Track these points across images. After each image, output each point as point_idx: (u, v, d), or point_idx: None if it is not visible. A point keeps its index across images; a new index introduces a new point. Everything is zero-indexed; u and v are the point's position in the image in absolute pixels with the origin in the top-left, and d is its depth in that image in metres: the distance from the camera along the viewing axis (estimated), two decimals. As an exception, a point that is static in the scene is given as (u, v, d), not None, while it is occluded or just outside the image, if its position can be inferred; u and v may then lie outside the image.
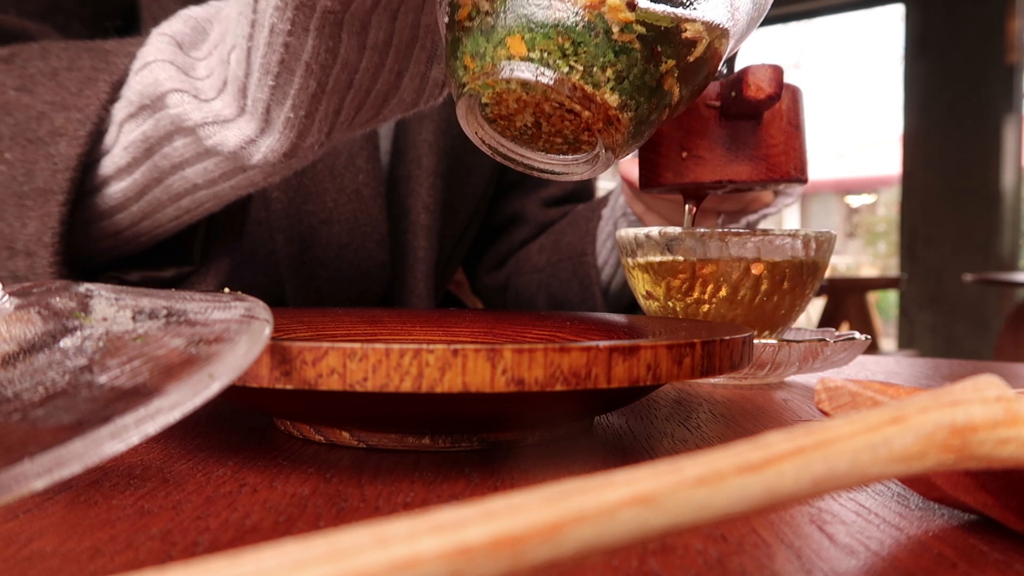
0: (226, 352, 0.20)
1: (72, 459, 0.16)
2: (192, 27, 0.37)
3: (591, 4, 0.29)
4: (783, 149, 0.43)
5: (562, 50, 0.29)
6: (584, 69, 0.29)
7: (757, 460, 0.14)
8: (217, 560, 0.11)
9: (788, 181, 0.43)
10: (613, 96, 0.30)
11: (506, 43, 0.29)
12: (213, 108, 0.35)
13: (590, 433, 0.31)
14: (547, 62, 0.29)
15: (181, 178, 0.38)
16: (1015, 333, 2.53)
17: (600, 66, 0.29)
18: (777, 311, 0.45)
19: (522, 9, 0.29)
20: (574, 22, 0.29)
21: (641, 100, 0.31)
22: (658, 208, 0.58)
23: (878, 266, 8.05)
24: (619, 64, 0.30)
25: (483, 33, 0.30)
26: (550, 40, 0.29)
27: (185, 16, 0.37)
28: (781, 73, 0.39)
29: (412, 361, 0.22)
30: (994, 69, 3.46)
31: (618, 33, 0.29)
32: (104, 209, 0.40)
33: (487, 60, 0.30)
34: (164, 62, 0.36)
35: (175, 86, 0.35)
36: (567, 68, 0.29)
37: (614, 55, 0.29)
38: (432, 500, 0.22)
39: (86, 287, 0.24)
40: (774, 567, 0.18)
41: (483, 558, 0.11)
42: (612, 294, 0.68)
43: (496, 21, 0.30)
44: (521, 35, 0.29)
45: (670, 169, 0.43)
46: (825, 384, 0.22)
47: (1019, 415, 0.16)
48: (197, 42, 0.37)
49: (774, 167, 0.43)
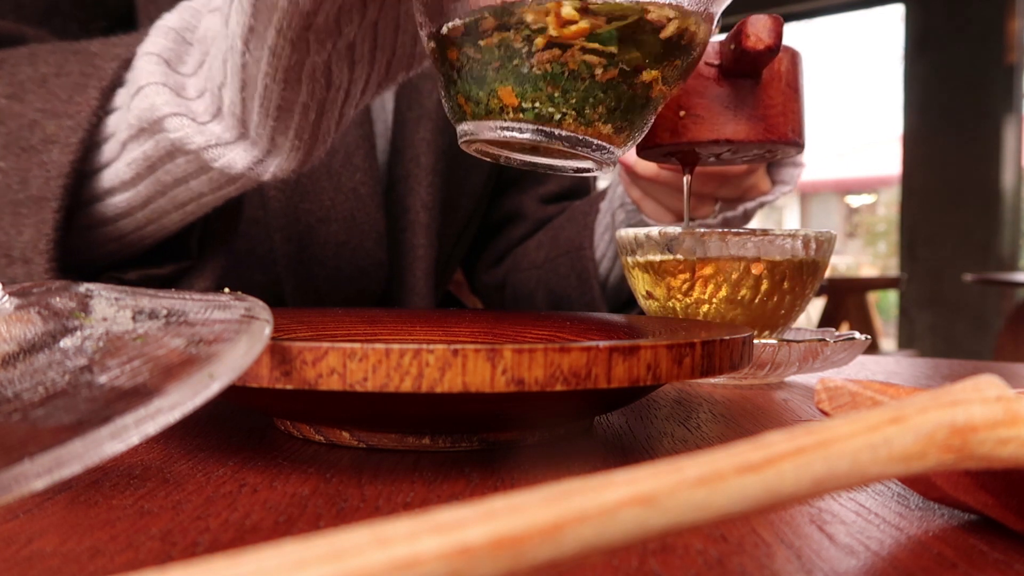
0: (226, 352, 0.20)
1: (72, 459, 0.16)
2: (174, 40, 0.37)
3: (565, 36, 0.29)
4: (781, 111, 0.43)
5: (552, 99, 0.30)
6: (576, 112, 0.30)
7: (757, 460, 0.14)
8: (217, 560, 0.11)
9: (785, 144, 0.43)
10: (607, 127, 0.31)
11: (498, 93, 0.30)
12: (214, 132, 0.35)
13: (590, 433, 0.31)
14: (539, 112, 0.30)
15: (186, 189, 0.38)
16: (1015, 333, 2.53)
17: (591, 106, 0.30)
18: (777, 311, 0.45)
19: (509, 60, 0.29)
20: (559, 71, 0.29)
21: (634, 117, 0.32)
22: (655, 194, 0.58)
23: (878, 266, 8.05)
24: (608, 99, 0.30)
25: (473, 79, 0.30)
26: (539, 91, 0.29)
27: (163, 29, 0.37)
28: (781, 24, 0.39)
29: (412, 361, 0.22)
30: (994, 69, 3.46)
31: (601, 72, 0.29)
32: (109, 216, 0.40)
33: (480, 108, 0.31)
34: (157, 85, 0.35)
35: (172, 110, 0.35)
36: (559, 115, 0.30)
37: (602, 92, 0.30)
38: (432, 500, 0.22)
39: (86, 287, 0.24)
40: (774, 567, 0.18)
41: (483, 558, 0.11)
42: (610, 288, 0.68)
43: (485, 71, 0.30)
44: (511, 87, 0.30)
45: (667, 129, 0.43)
46: (825, 384, 0.22)
47: (1019, 415, 0.16)
48: (182, 55, 0.37)
49: (772, 128, 0.42)
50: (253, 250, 0.60)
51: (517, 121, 0.30)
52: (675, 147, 0.44)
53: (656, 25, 0.29)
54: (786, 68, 0.43)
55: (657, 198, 0.58)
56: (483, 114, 0.31)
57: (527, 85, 0.29)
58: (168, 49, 0.36)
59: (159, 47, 0.36)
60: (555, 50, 0.29)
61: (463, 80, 0.31)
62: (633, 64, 0.30)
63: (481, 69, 0.30)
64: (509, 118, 0.30)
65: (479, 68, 0.30)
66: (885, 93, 14.45)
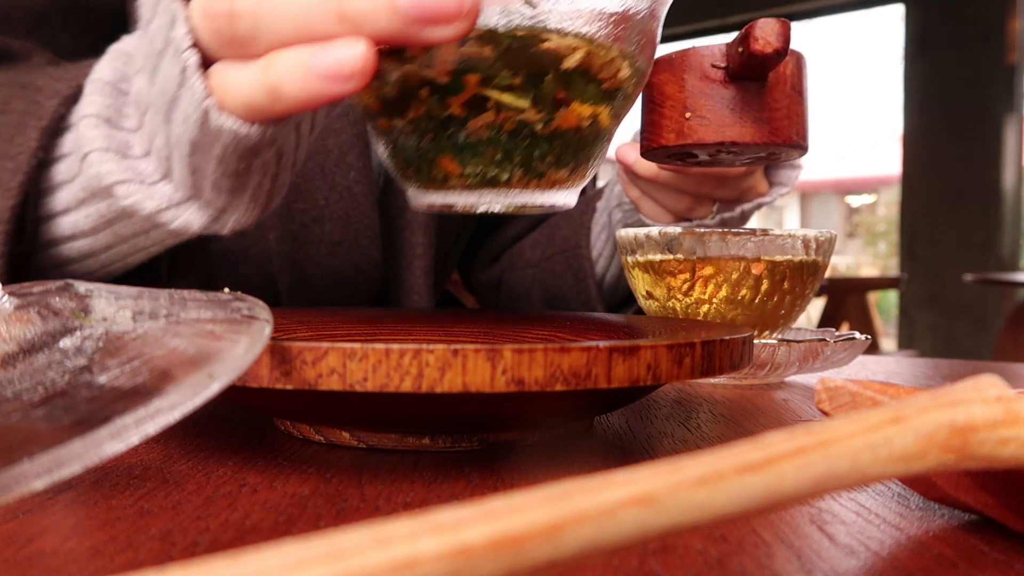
0: (226, 352, 0.20)
1: (72, 459, 0.16)
2: (111, 94, 0.35)
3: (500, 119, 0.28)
4: (786, 114, 0.43)
5: (495, 161, 0.29)
6: (523, 169, 0.29)
7: (757, 460, 0.14)
8: (217, 560, 0.11)
9: (789, 147, 0.43)
10: (561, 172, 0.30)
11: (437, 162, 0.29)
12: (164, 193, 0.34)
13: (590, 433, 0.31)
14: (484, 175, 0.29)
15: (146, 238, 0.38)
16: (1015, 333, 2.52)
17: (537, 158, 0.29)
18: (777, 311, 0.45)
19: (442, 130, 0.28)
20: (496, 134, 0.28)
21: (590, 151, 0.30)
22: (653, 194, 0.58)
23: (878, 266, 8.05)
24: (555, 147, 0.29)
25: (411, 150, 0.29)
26: (480, 156, 0.28)
27: (99, 84, 0.35)
28: (789, 28, 0.39)
29: (412, 361, 0.22)
30: (994, 69, 3.46)
31: (542, 127, 0.28)
32: (73, 256, 0.39)
33: (422, 176, 0.30)
34: (100, 151, 0.34)
35: (118, 178, 0.34)
36: (505, 176, 0.29)
37: (547, 143, 0.29)
38: (432, 500, 0.22)
39: (86, 287, 0.24)
40: (774, 567, 0.18)
41: (483, 558, 0.11)
42: (607, 287, 0.68)
43: (420, 142, 0.29)
44: (451, 154, 0.29)
45: (672, 130, 0.43)
46: (825, 384, 0.22)
47: (1019, 415, 0.16)
48: (121, 109, 0.35)
49: (776, 131, 0.43)
50: (247, 250, 0.60)
51: (463, 188, 0.29)
52: (679, 149, 0.44)
53: (560, 55, 0.28)
54: (791, 71, 0.43)
55: (656, 198, 0.58)
56: (427, 182, 0.30)
57: (466, 152, 0.28)
58: (107, 107, 0.35)
59: (97, 106, 0.35)
60: (488, 115, 0.28)
61: (400, 150, 0.30)
62: (574, 108, 0.28)
63: (416, 140, 0.29)
64: (454, 185, 0.29)
65: (414, 139, 0.29)
66: (885, 93, 14.45)
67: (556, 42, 0.28)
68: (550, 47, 0.28)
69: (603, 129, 0.31)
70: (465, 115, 0.28)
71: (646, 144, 0.45)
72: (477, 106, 0.28)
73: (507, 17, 0.27)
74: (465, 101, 0.28)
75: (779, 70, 0.42)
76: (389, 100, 0.29)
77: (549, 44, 0.27)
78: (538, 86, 0.28)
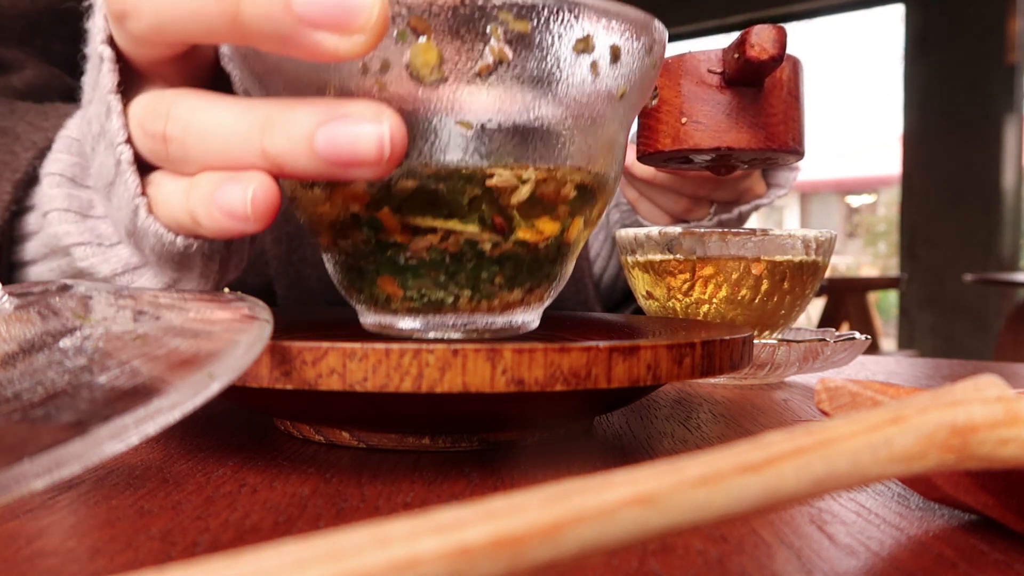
0: (226, 352, 0.20)
1: (72, 459, 0.16)
2: (77, 152, 0.35)
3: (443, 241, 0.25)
4: (782, 119, 0.43)
5: (439, 284, 0.26)
6: (471, 291, 0.27)
7: (757, 460, 0.14)
8: (217, 560, 0.11)
9: (786, 152, 0.43)
10: (515, 293, 0.28)
11: (377, 283, 0.27)
12: (121, 256, 0.33)
13: (590, 433, 0.31)
14: (427, 299, 0.27)
15: None
16: (1015, 333, 2.52)
17: (485, 280, 0.27)
18: (777, 311, 0.45)
19: (381, 251, 0.26)
20: (439, 257, 0.26)
21: (549, 271, 0.28)
22: (651, 195, 0.58)
23: (878, 266, 8.05)
24: (506, 269, 0.27)
25: (351, 269, 0.28)
26: (421, 278, 0.26)
27: (67, 141, 0.35)
28: (785, 34, 0.39)
29: (412, 361, 0.22)
30: (994, 69, 3.46)
31: (490, 248, 0.26)
32: None
33: (364, 296, 0.28)
34: (60, 211, 0.34)
35: (75, 240, 0.34)
36: (451, 299, 0.27)
37: (496, 265, 0.27)
38: (432, 500, 0.22)
39: (86, 287, 0.24)
40: (774, 567, 0.18)
41: (483, 558, 0.11)
42: (604, 287, 0.68)
43: (360, 262, 0.27)
44: (391, 275, 0.27)
45: (669, 135, 0.43)
46: (825, 384, 0.22)
47: (1019, 415, 0.16)
48: (87, 167, 0.34)
49: (773, 136, 0.43)
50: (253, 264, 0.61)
51: (406, 312, 0.27)
52: (676, 153, 0.44)
53: (506, 191, 0.25)
54: (788, 76, 0.43)
55: (653, 199, 0.58)
56: (369, 303, 0.28)
57: (408, 275, 0.26)
58: (72, 165, 0.34)
59: (61, 164, 0.34)
60: (429, 237, 0.25)
61: (341, 268, 0.28)
62: (527, 229, 0.26)
63: (355, 260, 0.27)
64: (397, 308, 0.27)
65: (353, 259, 0.27)
66: (885, 93, 14.45)
67: (498, 178, 0.25)
68: (491, 184, 0.25)
69: (567, 244, 0.28)
70: (405, 238, 0.26)
71: (642, 148, 0.45)
72: (417, 229, 0.26)
73: (440, 153, 0.24)
74: (402, 226, 0.26)
75: (775, 75, 0.42)
76: (324, 221, 0.27)
77: (490, 181, 0.25)
78: (481, 212, 0.26)
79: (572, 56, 0.24)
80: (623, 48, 0.25)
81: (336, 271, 0.29)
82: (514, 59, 0.24)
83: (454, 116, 0.24)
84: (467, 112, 0.24)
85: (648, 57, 0.27)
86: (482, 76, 0.24)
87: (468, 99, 0.24)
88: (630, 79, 0.26)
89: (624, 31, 0.25)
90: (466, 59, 0.23)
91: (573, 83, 0.25)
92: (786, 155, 0.44)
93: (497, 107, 0.24)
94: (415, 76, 0.23)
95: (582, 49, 0.24)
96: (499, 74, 0.24)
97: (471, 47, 0.23)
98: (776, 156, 0.44)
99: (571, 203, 0.27)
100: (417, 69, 0.23)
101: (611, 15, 0.25)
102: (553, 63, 0.24)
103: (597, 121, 0.26)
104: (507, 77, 0.24)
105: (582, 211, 0.28)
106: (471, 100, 0.24)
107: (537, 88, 0.24)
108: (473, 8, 0.23)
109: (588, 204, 0.28)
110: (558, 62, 0.24)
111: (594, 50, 0.25)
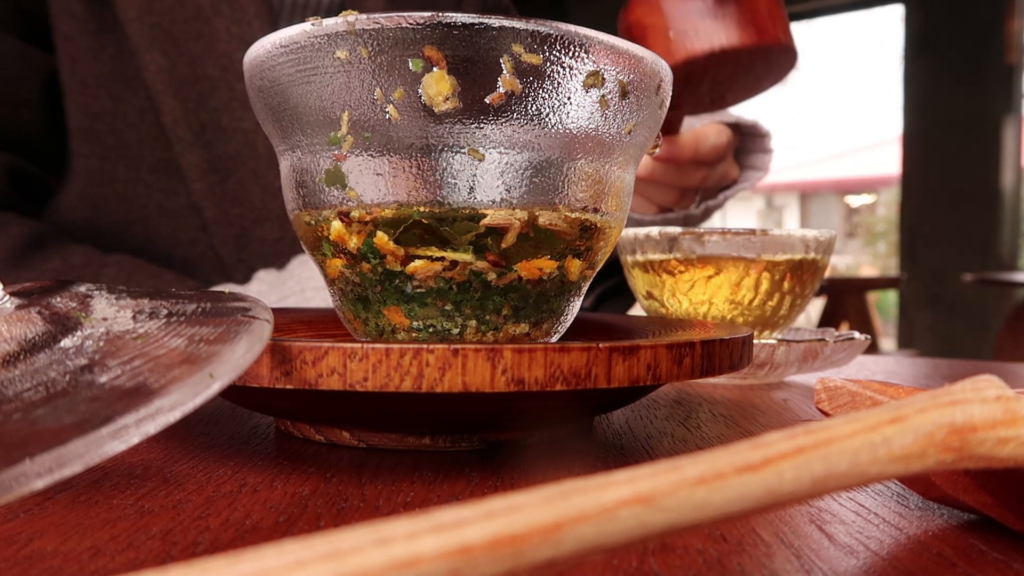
0: (226, 352, 0.20)
1: (72, 459, 0.16)
2: None
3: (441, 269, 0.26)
4: (767, 14, 0.43)
5: (445, 313, 0.27)
6: (477, 321, 0.27)
7: (757, 460, 0.14)
8: (217, 560, 0.11)
9: (779, 47, 0.43)
10: (521, 326, 0.28)
11: (384, 314, 0.27)
12: None
13: (590, 433, 0.31)
14: (434, 329, 0.27)
15: None
16: (1015, 333, 2.53)
17: (492, 311, 0.27)
18: (777, 311, 0.45)
19: (388, 281, 0.26)
20: (445, 286, 0.26)
21: (553, 305, 0.28)
22: (644, 191, 0.58)
23: (878, 266, 8.05)
24: (512, 299, 0.27)
25: (359, 299, 0.28)
26: (428, 307, 0.27)
27: None
28: None
29: (412, 361, 0.22)
30: (994, 69, 3.46)
31: (496, 277, 0.26)
32: None
33: (369, 327, 0.28)
34: None
35: None
36: (457, 330, 0.27)
37: (501, 296, 0.27)
38: (432, 500, 0.22)
39: (86, 287, 0.24)
40: (774, 567, 0.18)
41: (483, 558, 0.11)
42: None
43: (366, 292, 0.27)
44: (397, 306, 0.27)
45: (661, 55, 0.44)
46: (825, 384, 0.22)
47: (1018, 415, 0.16)
48: None
49: (763, 31, 0.43)
50: (204, 255, 0.66)
51: (412, 342, 0.27)
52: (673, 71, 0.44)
53: (502, 230, 0.26)
54: None
55: (646, 194, 0.59)
56: (375, 335, 0.28)
57: (414, 304, 0.27)
58: None
59: None
60: (436, 265, 0.26)
61: (348, 299, 0.28)
62: (532, 262, 0.26)
63: (362, 290, 0.27)
64: (403, 340, 0.28)
65: (360, 288, 0.27)
66: (885, 93, 14.45)
67: (492, 217, 0.25)
68: (487, 223, 0.25)
69: (570, 282, 0.28)
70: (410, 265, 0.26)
71: None
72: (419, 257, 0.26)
73: (451, 180, 0.25)
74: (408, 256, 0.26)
75: None
76: (329, 248, 0.27)
77: (486, 220, 0.25)
78: (483, 245, 0.26)
79: (582, 90, 0.25)
80: (631, 85, 0.26)
81: (342, 302, 0.29)
82: (524, 90, 0.24)
83: (466, 145, 0.25)
84: (477, 141, 0.25)
85: (656, 96, 0.27)
86: (493, 106, 0.24)
87: (479, 129, 0.24)
88: (638, 116, 0.27)
89: (633, 68, 0.26)
90: (478, 89, 0.24)
91: (582, 116, 0.25)
92: (780, 53, 0.44)
93: (507, 138, 0.25)
94: (428, 105, 0.24)
95: (592, 83, 0.25)
96: (510, 105, 0.24)
97: (483, 78, 0.24)
98: (771, 58, 0.44)
99: (570, 242, 0.27)
100: (431, 98, 0.24)
101: (620, 52, 0.25)
102: (563, 96, 0.25)
103: (604, 157, 0.27)
104: (517, 108, 0.24)
105: (583, 251, 0.28)
106: (482, 130, 0.25)
107: (547, 120, 0.25)
108: (486, 39, 0.23)
109: (590, 243, 0.28)
110: (568, 95, 0.25)
111: (603, 84, 0.25)
